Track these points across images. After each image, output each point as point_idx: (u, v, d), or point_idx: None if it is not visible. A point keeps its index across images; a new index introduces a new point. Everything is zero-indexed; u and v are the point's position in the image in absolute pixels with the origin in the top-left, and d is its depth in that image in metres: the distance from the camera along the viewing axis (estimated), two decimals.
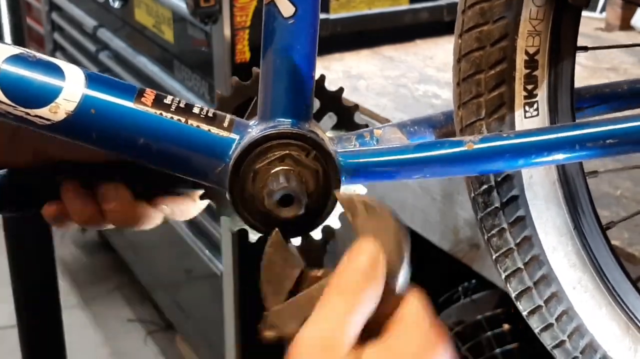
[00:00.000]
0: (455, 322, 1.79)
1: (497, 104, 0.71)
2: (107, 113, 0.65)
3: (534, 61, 0.71)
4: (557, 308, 0.75)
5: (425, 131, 0.78)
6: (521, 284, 0.76)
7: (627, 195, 1.25)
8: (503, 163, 0.68)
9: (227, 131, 0.67)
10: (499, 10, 0.70)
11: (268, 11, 0.66)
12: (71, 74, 0.64)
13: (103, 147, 0.66)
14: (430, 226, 1.48)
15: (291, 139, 0.65)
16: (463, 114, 0.73)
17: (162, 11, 2.14)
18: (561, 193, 0.74)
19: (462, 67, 0.72)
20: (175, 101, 0.67)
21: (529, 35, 0.70)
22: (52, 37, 3.01)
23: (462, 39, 0.72)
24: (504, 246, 0.75)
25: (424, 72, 1.85)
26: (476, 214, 0.76)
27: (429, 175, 0.68)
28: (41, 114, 0.63)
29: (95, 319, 2.83)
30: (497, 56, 0.71)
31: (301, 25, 0.66)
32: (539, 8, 0.70)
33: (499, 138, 0.67)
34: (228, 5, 1.80)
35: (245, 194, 0.65)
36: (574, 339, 0.76)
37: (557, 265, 0.75)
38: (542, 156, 0.67)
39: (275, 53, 0.66)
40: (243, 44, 1.84)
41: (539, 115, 0.72)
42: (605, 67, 1.85)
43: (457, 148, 0.67)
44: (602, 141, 0.66)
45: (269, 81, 0.67)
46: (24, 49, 0.64)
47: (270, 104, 0.67)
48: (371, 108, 1.62)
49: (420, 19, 2.07)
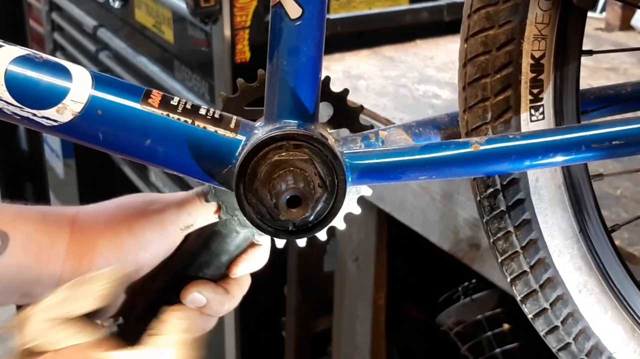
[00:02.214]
0: (455, 322, 1.80)
1: (503, 108, 0.71)
2: (114, 114, 0.64)
3: (539, 65, 0.71)
4: (563, 310, 0.75)
5: (430, 132, 0.78)
6: (527, 287, 0.76)
7: (627, 195, 1.25)
8: (509, 164, 0.68)
9: (234, 132, 0.67)
10: (505, 15, 0.70)
11: (275, 13, 0.65)
12: (78, 75, 0.64)
13: (109, 149, 0.66)
14: (430, 225, 1.48)
15: (297, 141, 0.65)
16: (469, 118, 0.73)
17: (162, 11, 2.14)
18: (567, 196, 0.74)
19: (468, 71, 0.72)
20: (182, 102, 0.67)
21: (535, 39, 0.70)
22: (52, 37, 3.01)
23: (468, 43, 0.72)
24: (510, 249, 0.75)
25: (424, 72, 1.86)
26: (482, 218, 0.76)
27: (435, 176, 0.68)
28: (48, 115, 0.63)
29: None
30: (503, 60, 0.71)
31: (308, 27, 0.66)
32: (544, 12, 0.70)
33: (505, 139, 0.67)
34: (228, 5, 1.80)
35: (251, 195, 0.65)
36: (579, 342, 0.76)
37: (563, 268, 0.75)
38: (548, 157, 0.67)
39: (281, 54, 0.66)
40: (243, 44, 1.85)
41: (544, 118, 0.72)
42: (605, 68, 1.86)
43: (464, 149, 0.67)
44: (607, 142, 0.67)
45: (275, 82, 0.67)
46: (30, 50, 0.64)
47: (277, 105, 0.67)
48: (371, 108, 1.62)
49: (420, 19, 2.07)
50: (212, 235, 0.72)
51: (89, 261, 0.69)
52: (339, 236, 1.84)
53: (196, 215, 0.71)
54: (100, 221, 0.71)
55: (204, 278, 0.73)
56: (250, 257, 0.74)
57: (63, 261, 0.69)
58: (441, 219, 1.44)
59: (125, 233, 0.70)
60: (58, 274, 0.68)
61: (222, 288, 0.73)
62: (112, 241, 0.70)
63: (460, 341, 1.76)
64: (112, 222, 0.71)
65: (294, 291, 2.14)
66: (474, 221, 1.36)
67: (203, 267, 0.73)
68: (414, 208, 1.51)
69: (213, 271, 0.73)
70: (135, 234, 0.70)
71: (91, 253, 0.69)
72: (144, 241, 0.70)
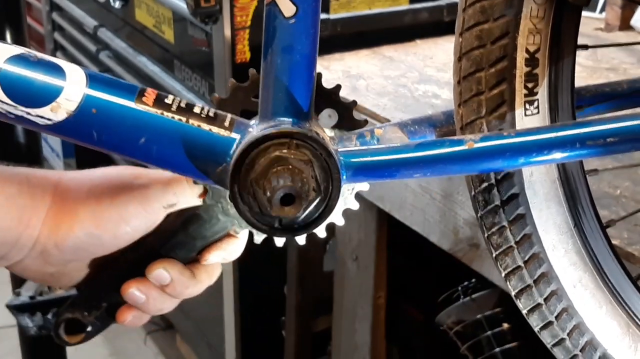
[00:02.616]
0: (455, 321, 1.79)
1: (498, 102, 0.71)
2: (108, 113, 0.64)
3: (534, 59, 0.71)
4: (557, 306, 0.75)
5: (426, 130, 0.78)
6: (521, 282, 0.76)
7: (627, 194, 1.25)
8: (503, 162, 0.68)
9: (228, 130, 0.67)
10: (500, 8, 0.70)
11: (269, 11, 0.66)
12: (72, 74, 0.64)
13: (104, 147, 0.67)
14: (430, 225, 1.48)
15: (292, 139, 0.65)
16: (463, 112, 0.73)
17: (162, 11, 2.14)
18: (561, 191, 0.74)
19: (462, 65, 0.72)
20: (176, 101, 0.67)
21: (530, 33, 0.70)
22: (52, 36, 3.02)
23: (463, 37, 0.72)
24: (504, 244, 0.75)
25: (424, 72, 1.86)
26: (476, 212, 0.76)
27: (429, 174, 0.68)
28: (42, 114, 0.63)
29: None
30: (498, 54, 0.71)
31: (302, 25, 0.66)
32: (539, 6, 0.70)
33: (499, 137, 0.67)
34: (228, 5, 1.80)
35: (246, 194, 0.66)
36: (574, 337, 0.76)
37: (557, 263, 0.75)
38: (543, 154, 0.67)
39: (276, 53, 0.66)
40: (243, 44, 1.85)
41: (539, 113, 0.72)
42: (605, 67, 1.86)
43: (458, 147, 0.67)
44: (602, 139, 0.66)
45: (269, 81, 0.67)
46: (25, 48, 0.64)
47: (271, 104, 0.68)
48: (371, 108, 1.62)
49: (420, 19, 2.07)
50: (192, 217, 0.73)
51: (67, 227, 0.69)
52: (339, 235, 1.85)
53: (181, 195, 0.71)
54: (83, 189, 0.70)
55: (175, 259, 0.73)
56: (224, 247, 0.74)
57: (41, 225, 0.68)
58: (441, 219, 1.44)
59: (108, 204, 0.69)
60: (36, 237, 0.68)
61: (189, 271, 0.73)
62: (93, 210, 0.69)
63: (460, 340, 1.75)
64: (96, 191, 0.70)
65: (294, 291, 2.14)
66: (473, 221, 1.36)
67: (176, 248, 0.73)
68: (413, 208, 1.51)
69: (185, 253, 0.73)
70: (118, 206, 0.69)
71: (71, 220, 0.69)
72: (126, 214, 0.70)
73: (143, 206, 0.70)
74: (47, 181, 0.70)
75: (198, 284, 0.74)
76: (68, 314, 0.73)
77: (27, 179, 0.69)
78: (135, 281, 0.71)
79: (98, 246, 0.70)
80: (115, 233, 0.70)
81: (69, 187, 0.70)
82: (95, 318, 0.73)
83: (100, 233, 0.69)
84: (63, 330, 0.74)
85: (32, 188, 0.69)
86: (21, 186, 0.68)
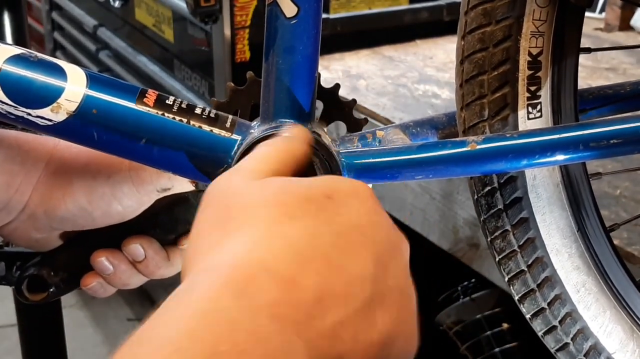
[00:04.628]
0: (454, 321, 1.79)
1: (501, 105, 0.71)
2: (108, 113, 0.64)
3: (537, 62, 0.71)
4: (561, 310, 0.75)
5: (428, 132, 0.78)
6: (525, 286, 0.75)
7: (627, 195, 1.25)
8: (506, 163, 0.67)
9: (229, 131, 0.66)
10: (502, 11, 0.69)
11: (270, 11, 0.65)
12: (73, 74, 0.63)
13: (104, 149, 0.66)
14: (430, 225, 1.48)
15: None
16: (466, 116, 0.72)
17: (162, 11, 2.14)
18: (565, 195, 0.73)
19: (465, 68, 0.72)
20: (177, 102, 0.66)
21: (532, 36, 0.70)
22: (52, 36, 3.01)
23: (465, 40, 0.72)
24: (508, 248, 0.75)
25: (423, 72, 1.85)
26: (479, 216, 0.75)
27: (431, 176, 0.68)
28: (42, 115, 0.63)
29: (95, 318, 2.83)
30: (500, 57, 0.70)
31: (304, 26, 0.65)
32: (542, 9, 0.69)
33: (502, 138, 0.67)
34: (228, 4, 1.80)
35: None
36: (577, 342, 0.76)
37: (561, 267, 0.74)
38: (545, 156, 0.66)
39: (277, 53, 0.66)
40: (243, 44, 1.84)
41: (542, 116, 0.72)
42: (605, 67, 1.85)
43: (460, 148, 0.67)
44: (605, 141, 0.66)
45: (271, 81, 0.67)
46: (25, 49, 0.64)
47: (273, 105, 0.67)
48: (371, 108, 1.62)
49: (420, 19, 2.07)
50: (180, 200, 0.72)
51: (59, 196, 0.68)
52: None
53: (175, 180, 0.71)
54: (80, 160, 0.70)
55: (153, 238, 0.72)
56: None
57: (32, 190, 0.68)
58: (441, 219, 1.44)
59: (103, 180, 0.69)
60: (25, 202, 0.68)
61: (165, 253, 0.72)
62: (88, 183, 0.69)
63: (460, 340, 1.75)
64: (93, 166, 0.70)
65: None
66: (473, 221, 1.36)
67: (157, 227, 0.72)
68: (413, 208, 1.51)
69: (165, 234, 0.72)
70: (112, 184, 0.69)
71: (63, 189, 0.68)
72: (120, 192, 0.69)
73: (137, 187, 0.70)
74: (43, 147, 0.69)
75: (170, 267, 0.73)
76: (34, 271, 0.72)
77: (18, 144, 0.68)
78: (108, 251, 0.70)
79: (87, 220, 0.70)
80: (106, 210, 0.69)
81: (64, 157, 0.70)
82: (61, 279, 0.72)
83: (92, 209, 0.69)
84: (25, 286, 0.73)
85: (24, 153, 0.68)
86: (10, 151, 0.67)
